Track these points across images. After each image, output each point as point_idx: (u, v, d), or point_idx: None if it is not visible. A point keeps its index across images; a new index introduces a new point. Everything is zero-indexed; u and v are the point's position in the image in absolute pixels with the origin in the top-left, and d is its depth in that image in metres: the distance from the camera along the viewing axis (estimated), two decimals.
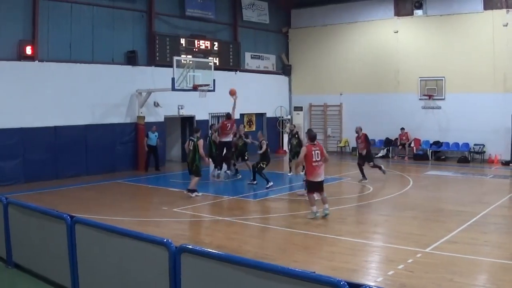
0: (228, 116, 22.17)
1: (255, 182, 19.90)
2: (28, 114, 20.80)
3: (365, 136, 20.69)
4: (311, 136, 14.47)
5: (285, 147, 31.25)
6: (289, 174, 22.60)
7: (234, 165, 22.65)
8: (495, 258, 10.48)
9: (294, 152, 22.20)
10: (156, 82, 24.81)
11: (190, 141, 17.77)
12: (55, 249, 8.34)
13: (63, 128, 21.89)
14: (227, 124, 21.79)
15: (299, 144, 21.79)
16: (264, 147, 19.80)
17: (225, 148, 21.84)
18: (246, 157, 22.07)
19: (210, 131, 22.75)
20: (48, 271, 8.76)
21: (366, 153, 20.58)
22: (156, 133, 24.06)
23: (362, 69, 31.10)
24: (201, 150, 17.40)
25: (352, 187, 19.80)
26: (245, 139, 22.09)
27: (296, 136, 22.21)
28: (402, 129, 29.01)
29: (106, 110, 23.68)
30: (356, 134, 21.06)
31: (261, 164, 19.54)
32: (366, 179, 20.48)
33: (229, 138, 21.89)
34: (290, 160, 22.73)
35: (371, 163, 20.85)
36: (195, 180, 17.71)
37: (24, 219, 9.23)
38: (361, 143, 20.71)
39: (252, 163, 20.16)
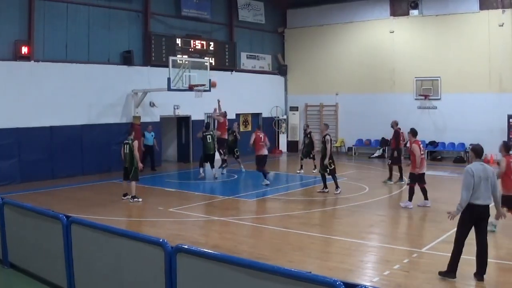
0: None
1: (327, 190, 18.41)
2: (24, 114, 20.77)
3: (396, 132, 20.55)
4: (508, 147, 14.30)
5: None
6: (298, 172, 23.38)
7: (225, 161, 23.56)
8: (491, 258, 10.46)
9: (306, 151, 23.39)
10: (152, 82, 24.80)
11: (125, 145, 16.89)
12: (51, 249, 8.34)
13: (59, 128, 21.86)
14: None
15: (311, 144, 23.15)
16: (329, 144, 18.15)
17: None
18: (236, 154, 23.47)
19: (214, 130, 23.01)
20: (44, 271, 8.75)
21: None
22: (153, 133, 24.09)
23: (358, 69, 31.13)
24: (136, 152, 16.73)
25: (348, 187, 19.78)
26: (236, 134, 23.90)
27: (309, 136, 23.15)
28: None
29: (102, 110, 23.66)
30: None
31: (329, 165, 18.19)
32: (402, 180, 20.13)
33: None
34: (301, 159, 23.58)
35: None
36: (133, 185, 16.89)
37: (20, 219, 9.22)
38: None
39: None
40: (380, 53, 30.30)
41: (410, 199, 15.60)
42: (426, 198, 15.77)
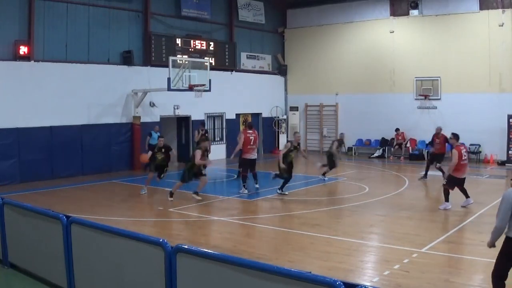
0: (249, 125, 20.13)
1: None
2: (24, 114, 20.78)
3: (445, 138, 20.56)
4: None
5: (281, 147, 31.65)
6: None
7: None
8: (491, 258, 10.43)
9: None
10: (152, 82, 24.81)
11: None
12: (51, 249, 8.33)
13: (59, 128, 21.87)
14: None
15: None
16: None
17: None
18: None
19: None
20: (44, 271, 8.75)
21: (440, 154, 20.94)
22: (158, 133, 24.04)
23: (357, 69, 31.15)
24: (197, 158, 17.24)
25: (348, 187, 19.80)
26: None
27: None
28: (397, 129, 29.04)
29: (102, 110, 23.65)
30: (436, 134, 21.11)
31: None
32: (426, 178, 21.03)
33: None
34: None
35: (438, 164, 20.82)
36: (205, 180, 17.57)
37: (20, 219, 9.21)
38: (439, 144, 20.83)
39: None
40: (380, 53, 30.32)
41: (446, 199, 15.51)
42: (467, 196, 15.69)
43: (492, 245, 7.79)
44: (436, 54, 28.33)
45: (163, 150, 18.31)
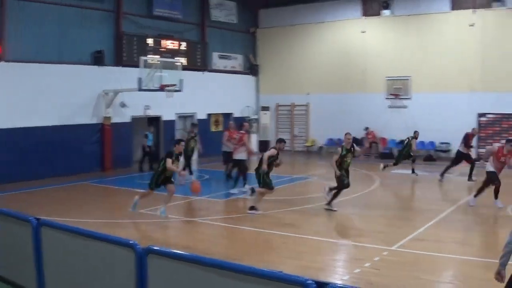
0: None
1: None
2: None
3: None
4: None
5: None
6: None
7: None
8: (461, 255, 10.65)
9: None
10: (123, 82, 24.59)
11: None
12: (21, 252, 8.24)
13: (30, 129, 21.57)
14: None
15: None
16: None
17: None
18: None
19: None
20: (13, 274, 8.65)
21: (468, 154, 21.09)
22: (152, 133, 24.00)
23: (329, 69, 31.31)
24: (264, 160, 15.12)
25: (319, 186, 19.84)
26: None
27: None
28: (367, 128, 29.22)
29: (73, 111, 23.41)
30: (472, 134, 21.09)
31: None
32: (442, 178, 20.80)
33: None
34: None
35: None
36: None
37: None
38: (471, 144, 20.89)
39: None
40: (352, 53, 30.51)
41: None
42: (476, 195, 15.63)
43: (497, 276, 6.30)
44: (407, 54, 28.62)
45: (179, 157, 15.10)
